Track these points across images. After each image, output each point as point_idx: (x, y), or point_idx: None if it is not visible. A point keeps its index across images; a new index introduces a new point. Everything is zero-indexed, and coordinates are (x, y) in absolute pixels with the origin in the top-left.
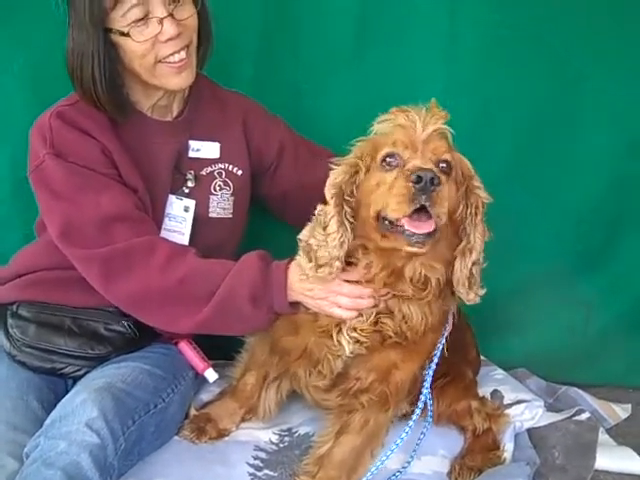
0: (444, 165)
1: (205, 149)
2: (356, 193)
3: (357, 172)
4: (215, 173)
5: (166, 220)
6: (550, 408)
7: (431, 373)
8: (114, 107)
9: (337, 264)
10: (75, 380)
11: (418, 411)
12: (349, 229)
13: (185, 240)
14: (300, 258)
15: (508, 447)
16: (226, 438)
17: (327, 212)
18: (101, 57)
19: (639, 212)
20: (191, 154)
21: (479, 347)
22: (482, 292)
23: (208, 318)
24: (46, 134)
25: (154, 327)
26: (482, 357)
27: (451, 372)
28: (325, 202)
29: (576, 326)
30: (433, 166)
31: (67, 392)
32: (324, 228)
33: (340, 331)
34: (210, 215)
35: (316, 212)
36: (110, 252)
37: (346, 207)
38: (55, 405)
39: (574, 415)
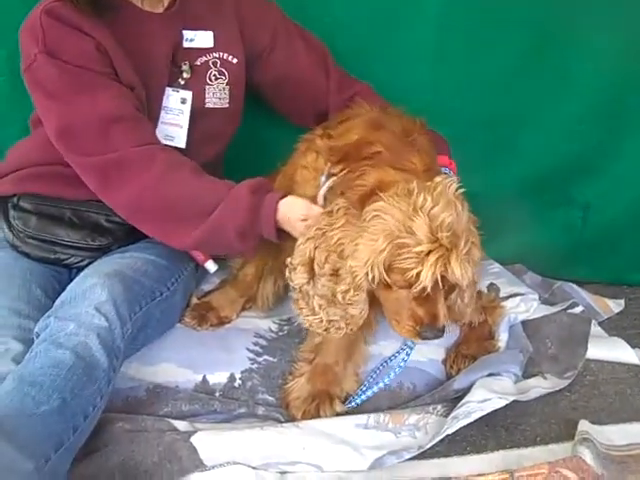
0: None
1: (199, 38)
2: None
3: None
4: (210, 62)
5: (163, 113)
6: (545, 302)
7: None
8: (91, 2)
9: (357, 327)
10: (79, 270)
11: None
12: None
13: (184, 133)
14: (300, 303)
15: (502, 337)
16: (227, 325)
17: (354, 297)
18: None
19: None
20: (185, 44)
21: None
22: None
23: (197, 243)
24: (37, 32)
25: None
26: None
27: None
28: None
29: (573, 225)
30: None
31: (72, 282)
32: (344, 305)
33: None
34: (207, 105)
35: (339, 290)
36: (107, 161)
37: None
38: (59, 294)
39: (568, 308)
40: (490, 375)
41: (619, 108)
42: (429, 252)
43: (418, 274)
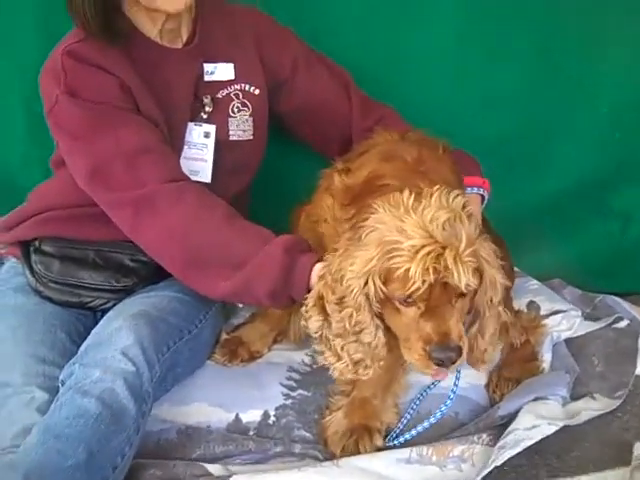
0: (463, 294)
1: (220, 71)
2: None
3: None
4: (232, 95)
5: (186, 148)
6: (587, 317)
7: None
8: (106, 31)
9: (382, 364)
10: (104, 313)
11: None
12: (382, 327)
13: (208, 167)
14: (326, 354)
15: (546, 358)
16: (258, 360)
17: (359, 320)
18: None
19: None
20: (206, 77)
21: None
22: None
23: (225, 295)
24: (59, 74)
25: None
26: (515, 269)
27: None
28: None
29: (612, 235)
30: (453, 315)
31: (97, 324)
32: (355, 334)
33: None
34: (231, 138)
35: (345, 316)
36: (138, 197)
37: (375, 307)
38: (84, 338)
39: (613, 323)
40: (536, 399)
41: None
42: (421, 247)
43: (407, 270)
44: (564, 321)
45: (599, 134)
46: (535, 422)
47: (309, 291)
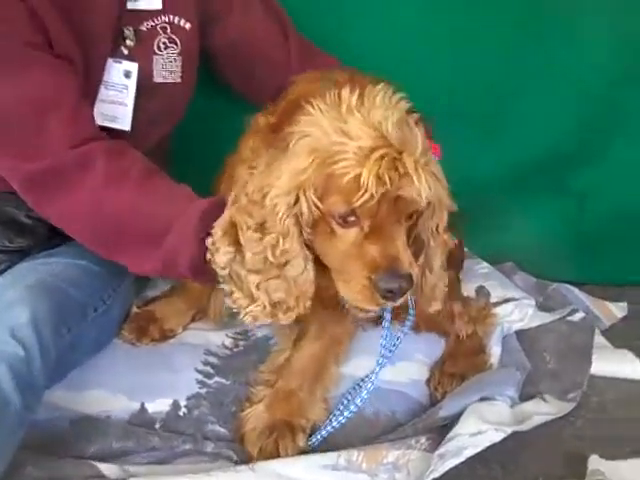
0: (413, 214)
1: None
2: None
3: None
4: (158, 27)
5: (102, 89)
6: (540, 307)
7: None
8: None
9: (308, 304)
10: None
11: (387, 315)
12: (312, 260)
13: (128, 112)
14: (235, 293)
15: (495, 351)
16: (171, 340)
17: (287, 249)
18: None
19: None
20: (129, 5)
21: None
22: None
23: (152, 273)
24: None
25: None
26: (465, 249)
27: None
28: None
29: (569, 218)
30: (402, 236)
31: None
32: (279, 267)
33: None
34: (155, 80)
35: (268, 245)
36: (42, 171)
37: (305, 234)
38: None
39: (567, 315)
40: (482, 399)
41: (619, 93)
42: (373, 149)
43: (357, 177)
44: (516, 310)
45: (565, 107)
46: (481, 427)
47: None
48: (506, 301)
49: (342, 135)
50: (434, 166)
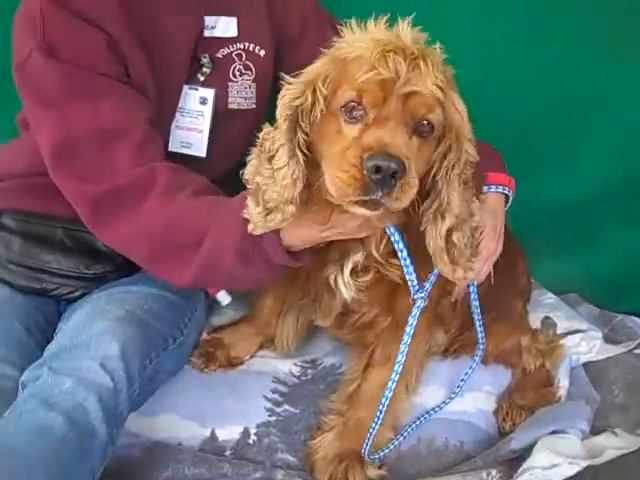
0: (424, 125)
1: (221, 26)
2: (310, 131)
3: (314, 103)
4: (234, 55)
5: (178, 116)
6: (606, 339)
7: (475, 297)
8: None
9: (290, 209)
10: (69, 303)
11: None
12: (302, 162)
13: (204, 139)
14: (249, 201)
15: (563, 383)
16: (241, 367)
17: (275, 138)
18: None
19: None
20: (206, 33)
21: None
22: (475, 266)
23: (196, 276)
24: (36, 23)
25: None
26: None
27: (498, 306)
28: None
29: (635, 249)
30: (405, 138)
31: (59, 316)
32: (269, 159)
33: (338, 275)
34: (230, 106)
35: (260, 136)
36: (105, 192)
37: (300, 134)
38: (43, 331)
39: (634, 348)
40: (553, 432)
41: None
42: (386, 43)
43: (364, 58)
44: (583, 342)
45: (631, 135)
46: (554, 460)
47: (282, 247)
48: (573, 333)
49: (360, 36)
50: (457, 98)
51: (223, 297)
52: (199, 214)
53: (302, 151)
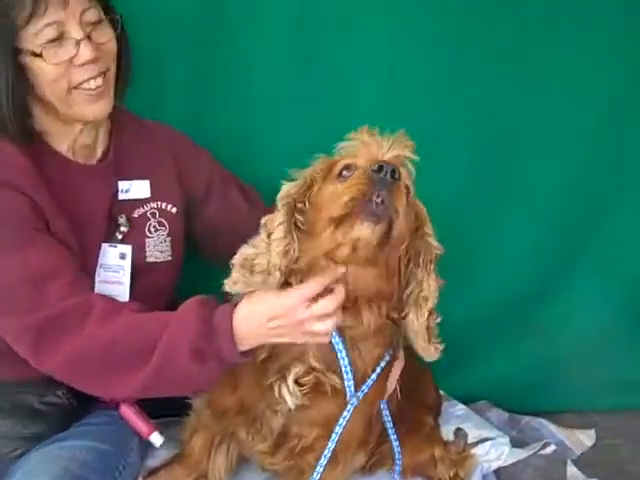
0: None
1: (134, 189)
2: (308, 206)
3: (311, 186)
4: (148, 214)
5: (100, 271)
6: (514, 440)
7: (389, 419)
8: (23, 136)
9: (277, 274)
10: (9, 463)
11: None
12: (296, 240)
13: (125, 290)
14: (233, 271)
15: None
16: None
17: (275, 219)
18: (9, 79)
19: (597, 235)
20: (120, 196)
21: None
22: (441, 347)
23: (147, 382)
24: None
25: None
26: (441, 392)
27: (408, 420)
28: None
29: (536, 353)
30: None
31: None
32: (269, 235)
33: (282, 383)
34: (147, 260)
35: (262, 221)
36: (44, 319)
37: (297, 216)
38: None
39: (540, 450)
40: None
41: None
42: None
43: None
44: (492, 449)
45: (532, 246)
46: None
47: (234, 344)
48: (482, 440)
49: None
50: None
51: (156, 439)
52: (148, 321)
53: (298, 229)
